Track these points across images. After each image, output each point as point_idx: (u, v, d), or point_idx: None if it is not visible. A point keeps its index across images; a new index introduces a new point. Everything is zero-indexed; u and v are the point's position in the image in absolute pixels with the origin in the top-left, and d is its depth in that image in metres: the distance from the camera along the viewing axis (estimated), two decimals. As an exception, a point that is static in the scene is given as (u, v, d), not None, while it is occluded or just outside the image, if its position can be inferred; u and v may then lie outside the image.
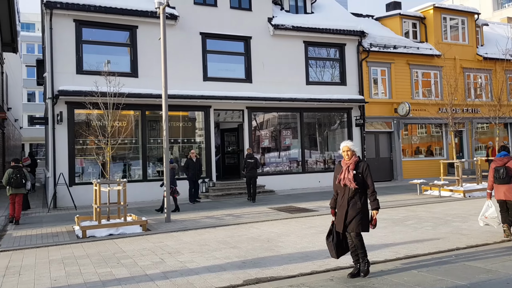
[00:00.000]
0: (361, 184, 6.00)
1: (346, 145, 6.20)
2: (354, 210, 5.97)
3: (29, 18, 52.82)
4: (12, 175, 12.13)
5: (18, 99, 37.05)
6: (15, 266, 7.69)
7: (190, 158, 15.67)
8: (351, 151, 6.17)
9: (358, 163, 6.09)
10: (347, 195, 6.04)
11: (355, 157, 6.15)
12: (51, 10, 15.49)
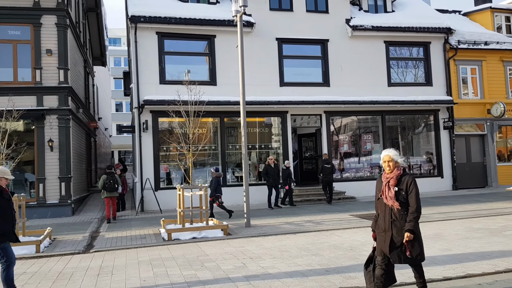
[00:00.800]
0: (405, 204, 4.94)
1: (388, 154, 5.08)
2: (401, 237, 4.91)
3: (116, 33, 56.60)
4: (106, 181, 13.76)
5: (108, 110, 39.76)
6: (108, 266, 8.14)
7: (269, 164, 15.73)
8: (393, 161, 5.06)
9: (401, 178, 5.00)
10: (388, 217, 4.99)
11: (397, 170, 5.05)
12: (136, 24, 16.40)
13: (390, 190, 4.96)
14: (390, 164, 5.06)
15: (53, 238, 11.18)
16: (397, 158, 5.07)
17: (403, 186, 4.94)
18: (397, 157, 5.08)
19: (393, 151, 5.13)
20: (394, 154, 5.07)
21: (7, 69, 15.38)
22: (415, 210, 4.87)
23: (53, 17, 15.65)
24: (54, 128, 15.46)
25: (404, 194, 4.91)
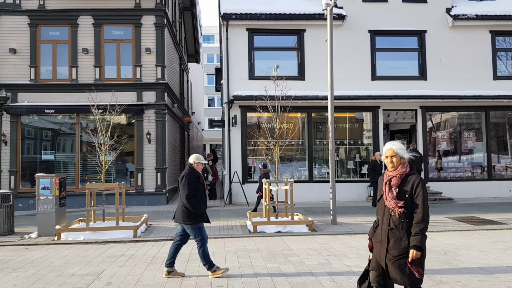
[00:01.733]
0: (408, 209, 4.01)
1: (391, 148, 4.17)
2: (397, 249, 4.01)
3: (209, 30, 58.78)
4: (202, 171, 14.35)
5: (200, 105, 41.49)
6: (196, 253, 8.44)
7: (375, 160, 15.24)
8: (397, 157, 4.14)
9: (406, 177, 4.08)
10: (386, 224, 4.10)
11: (402, 168, 4.12)
12: (227, 21, 16.85)
13: (391, 190, 4.08)
14: (393, 159, 4.14)
15: (149, 224, 11.94)
16: (402, 153, 4.15)
17: (407, 187, 4.02)
18: (402, 152, 4.15)
19: (398, 144, 4.21)
20: (398, 147, 4.16)
21: (112, 67, 16.70)
22: (421, 219, 3.90)
23: (152, 17, 16.66)
24: (152, 121, 16.48)
25: (408, 198, 3.99)
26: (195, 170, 6.75)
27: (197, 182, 6.65)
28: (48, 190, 10.66)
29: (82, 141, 16.65)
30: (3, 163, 16.16)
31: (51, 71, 16.71)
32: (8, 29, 16.43)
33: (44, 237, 10.43)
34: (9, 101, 16.24)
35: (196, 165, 6.79)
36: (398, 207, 3.99)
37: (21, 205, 15.67)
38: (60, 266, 7.68)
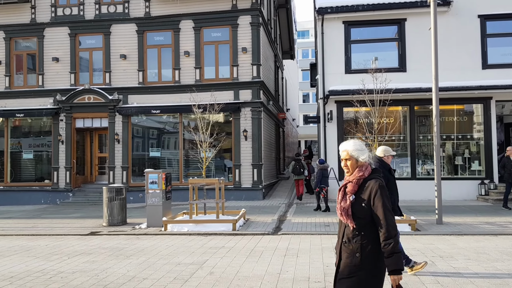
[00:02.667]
0: (366, 220, 3.22)
1: (345, 150, 3.40)
2: (347, 267, 3.26)
3: (304, 26, 58.58)
4: (295, 166, 16.37)
5: (295, 101, 41.57)
6: (294, 248, 8.52)
7: (508, 156, 13.88)
8: (352, 159, 3.35)
9: (365, 182, 3.28)
10: (341, 237, 3.39)
11: (359, 171, 3.31)
12: (323, 15, 16.61)
13: (344, 198, 3.32)
14: (347, 163, 3.37)
15: (247, 218, 12.25)
16: (358, 154, 3.33)
17: (365, 194, 3.22)
18: (359, 153, 3.33)
19: (353, 143, 3.40)
20: (353, 148, 3.35)
21: (211, 68, 17.41)
22: (387, 236, 3.10)
23: (248, 17, 17.04)
24: (248, 119, 16.88)
25: (366, 207, 3.20)
26: (385, 162, 6.58)
27: (388, 175, 6.40)
28: (156, 185, 11.43)
29: (184, 139, 17.60)
30: (116, 159, 17.68)
31: (156, 74, 17.90)
32: (118, 37, 17.92)
33: (153, 228, 11.20)
34: (120, 103, 17.71)
35: (387, 158, 6.63)
36: (350, 219, 3.25)
37: (132, 198, 17.01)
38: (167, 255, 8.19)
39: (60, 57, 18.17)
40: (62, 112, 18.01)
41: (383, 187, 3.22)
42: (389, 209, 3.18)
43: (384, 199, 3.17)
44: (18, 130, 19.06)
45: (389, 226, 3.12)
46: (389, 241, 3.09)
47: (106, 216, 11.92)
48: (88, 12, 18.18)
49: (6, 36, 18.61)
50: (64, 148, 18.02)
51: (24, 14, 18.55)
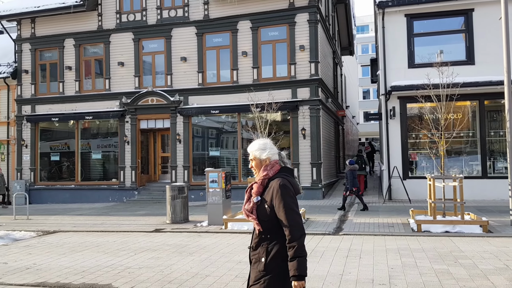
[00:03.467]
0: (272, 223, 3.03)
1: (250, 150, 3.25)
2: (255, 272, 3.11)
3: (363, 20, 57.22)
4: (356, 161, 16.04)
5: (355, 97, 40.68)
6: (356, 249, 8.31)
7: None
8: (256, 159, 3.20)
9: (269, 182, 3.09)
10: (250, 242, 3.23)
11: (264, 171, 3.13)
12: (383, 9, 16.09)
13: (249, 200, 3.14)
14: (253, 163, 3.23)
15: (306, 218, 12.12)
16: (260, 154, 3.17)
17: (268, 196, 3.05)
18: (260, 152, 3.17)
19: (256, 142, 3.25)
20: (256, 148, 3.20)
21: (268, 67, 17.44)
22: (289, 236, 2.93)
23: (305, 14, 16.87)
24: (306, 117, 16.72)
25: (268, 208, 3.02)
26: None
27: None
28: (216, 183, 11.61)
29: (243, 138, 17.76)
30: (178, 159, 18.19)
31: (215, 75, 18.21)
32: (179, 40, 18.41)
33: (213, 226, 11.39)
34: (181, 104, 18.19)
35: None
36: (256, 222, 3.07)
37: (193, 197, 17.42)
38: (228, 252, 8.28)
39: (125, 62, 18.98)
40: (128, 114, 18.80)
41: (284, 186, 3.00)
42: (293, 208, 2.97)
43: (286, 198, 2.98)
44: (87, 131, 20.15)
45: (292, 228, 2.93)
46: (293, 243, 2.92)
47: (169, 214, 12.29)
48: (150, 17, 18.84)
49: (75, 43, 19.73)
50: (130, 148, 18.81)
51: (91, 21, 19.57)
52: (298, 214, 2.99)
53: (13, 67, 20.74)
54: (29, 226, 12.68)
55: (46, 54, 20.48)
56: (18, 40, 20.59)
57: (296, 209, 3.00)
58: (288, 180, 3.07)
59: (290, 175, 3.16)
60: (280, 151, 3.24)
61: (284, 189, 3.00)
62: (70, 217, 14.67)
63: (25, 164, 20.09)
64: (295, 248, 2.91)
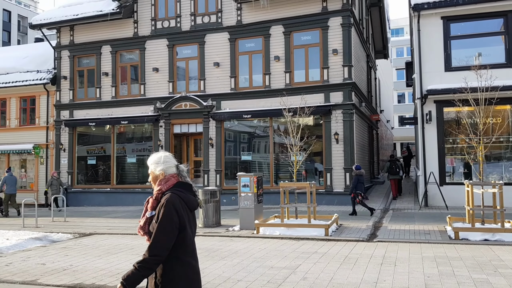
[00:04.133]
0: None
1: (148, 163, 3.21)
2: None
3: (398, 23, 56.22)
4: (390, 166, 17.81)
5: (389, 101, 39.97)
6: (391, 257, 8.12)
7: None
8: (153, 173, 3.15)
9: (162, 196, 3.02)
10: None
11: (159, 185, 3.08)
12: (419, 12, 15.76)
13: (144, 215, 3.07)
14: (151, 177, 3.18)
15: (340, 224, 11.96)
16: (155, 168, 3.12)
17: (158, 210, 2.97)
18: (155, 165, 3.12)
19: (153, 156, 3.19)
20: (152, 161, 3.16)
21: (300, 71, 17.38)
22: (147, 250, 2.89)
23: (339, 18, 16.73)
24: (339, 122, 16.53)
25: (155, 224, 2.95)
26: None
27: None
28: (248, 188, 11.63)
29: (274, 142, 17.74)
30: (210, 163, 18.35)
31: (247, 79, 18.30)
32: (212, 46, 18.61)
33: (245, 230, 11.41)
34: (214, 109, 18.36)
35: None
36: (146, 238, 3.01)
37: (225, 201, 17.48)
38: (260, 257, 8.26)
39: (159, 67, 19.34)
40: (162, 118, 19.13)
41: (169, 202, 2.92)
42: (164, 227, 2.87)
43: (168, 215, 2.89)
44: (123, 136, 20.62)
45: (153, 244, 2.88)
46: (144, 255, 2.89)
47: (201, 217, 12.39)
48: (184, 23, 19.14)
49: (112, 50, 20.26)
50: (163, 153, 19.07)
51: (127, 29, 20.06)
52: (166, 235, 2.89)
53: (53, 73, 21.47)
54: (66, 228, 13.06)
55: (84, 60, 21.13)
56: (58, 47, 21.33)
57: (168, 229, 2.89)
58: (179, 196, 3.00)
59: (186, 190, 3.09)
60: (178, 165, 3.18)
61: (168, 206, 2.92)
62: (105, 219, 15.03)
63: (63, 167, 20.74)
64: (141, 261, 2.90)
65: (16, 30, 59.09)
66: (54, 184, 18.31)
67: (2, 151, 21.35)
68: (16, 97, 22.15)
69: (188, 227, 2.98)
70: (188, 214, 3.02)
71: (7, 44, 52.92)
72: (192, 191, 3.12)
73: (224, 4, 18.52)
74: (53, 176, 18.69)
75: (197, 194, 3.17)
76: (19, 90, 21.91)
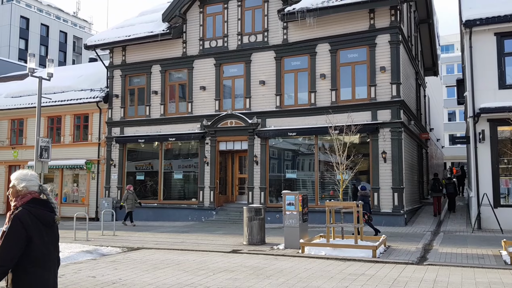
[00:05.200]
0: None
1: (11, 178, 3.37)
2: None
3: (448, 39, 54.74)
4: (433, 184, 18.61)
5: (439, 120, 38.71)
6: (442, 281, 7.77)
7: None
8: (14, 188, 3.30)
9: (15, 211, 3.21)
10: None
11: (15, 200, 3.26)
12: (471, 28, 15.31)
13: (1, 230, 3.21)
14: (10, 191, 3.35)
15: (388, 245, 11.60)
16: (18, 183, 3.29)
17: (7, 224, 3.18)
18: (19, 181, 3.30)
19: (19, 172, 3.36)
20: (15, 177, 3.33)
21: (347, 89, 17.23)
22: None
23: (386, 35, 16.52)
24: (387, 140, 16.18)
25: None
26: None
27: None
28: (293, 206, 11.55)
29: (319, 160, 17.57)
30: (254, 180, 18.40)
31: (292, 97, 18.33)
32: (258, 64, 18.84)
33: (290, 249, 11.29)
34: (259, 126, 18.48)
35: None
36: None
37: (269, 218, 17.43)
38: (306, 278, 8.14)
39: (206, 86, 19.76)
40: (208, 136, 19.46)
41: (17, 216, 3.13)
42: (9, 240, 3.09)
43: (9, 229, 3.10)
44: (170, 152, 21.12)
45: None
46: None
47: (246, 235, 12.40)
48: (231, 43, 19.54)
49: (161, 69, 20.95)
50: (209, 169, 19.38)
51: (176, 48, 20.70)
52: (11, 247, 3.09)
53: (105, 92, 22.43)
54: (115, 242, 13.44)
55: (135, 79, 21.96)
56: (110, 66, 22.30)
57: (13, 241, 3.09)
58: (29, 211, 3.17)
59: (41, 205, 3.26)
60: (42, 185, 3.36)
61: (15, 220, 3.13)
62: (152, 234, 15.35)
63: (113, 182, 21.45)
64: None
65: (71, 50, 62.55)
66: (130, 198, 18.46)
67: (56, 166, 22.35)
68: (71, 114, 23.27)
69: (36, 240, 3.16)
70: (41, 228, 3.21)
71: (62, 64, 56.00)
72: (48, 207, 3.31)
73: (270, 24, 18.77)
74: (129, 190, 18.73)
75: (55, 210, 3.35)
76: (73, 108, 23.03)
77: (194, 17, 20.41)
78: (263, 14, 19.02)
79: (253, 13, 19.32)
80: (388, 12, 16.64)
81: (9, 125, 25.18)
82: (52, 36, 59.53)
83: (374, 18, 16.86)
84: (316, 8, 16.84)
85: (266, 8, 18.94)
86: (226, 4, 19.73)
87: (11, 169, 24.86)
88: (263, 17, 18.99)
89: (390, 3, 16.18)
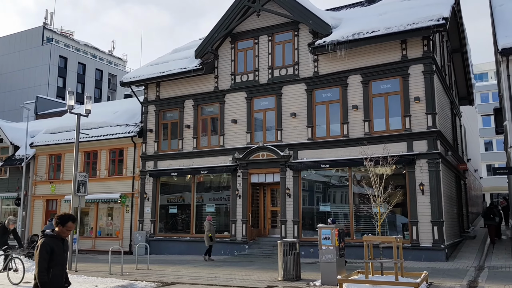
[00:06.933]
0: None
1: None
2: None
3: (482, 68, 53.85)
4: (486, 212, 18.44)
5: (476, 150, 37.61)
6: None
7: None
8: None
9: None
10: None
11: None
12: (507, 56, 14.99)
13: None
14: None
15: (430, 282, 11.06)
16: None
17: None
18: None
19: None
20: None
21: (380, 120, 16.99)
22: None
23: (420, 65, 16.34)
24: (424, 172, 15.73)
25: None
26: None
27: None
28: (329, 241, 11.24)
29: (354, 193, 17.20)
30: (287, 213, 18.12)
31: (325, 129, 18.20)
32: (289, 97, 18.91)
33: (327, 286, 10.92)
34: (291, 159, 18.35)
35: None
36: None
37: (303, 253, 16.97)
38: (346, 318, 7.77)
39: (237, 119, 19.92)
40: (239, 168, 19.45)
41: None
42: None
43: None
44: (201, 185, 21.16)
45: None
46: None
47: (281, 270, 12.10)
48: (262, 76, 19.75)
49: (194, 103, 21.31)
50: (241, 202, 19.25)
51: (208, 83, 21.07)
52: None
53: (139, 126, 22.91)
54: (149, 276, 13.36)
55: (168, 114, 22.38)
56: (145, 102, 22.85)
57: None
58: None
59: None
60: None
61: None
62: (185, 268, 15.21)
63: (146, 216, 21.58)
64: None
65: (106, 87, 64.79)
66: (212, 229, 18.06)
67: (92, 200, 22.73)
68: (107, 149, 23.81)
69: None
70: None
71: (98, 100, 57.95)
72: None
73: (301, 57, 18.93)
74: (210, 221, 18.28)
75: None
76: (109, 143, 23.56)
77: (225, 52, 20.83)
78: (293, 47, 19.23)
79: (283, 47, 19.55)
80: (421, 43, 16.51)
81: (47, 160, 25.95)
82: (89, 74, 61.93)
83: (406, 49, 16.75)
84: (347, 40, 16.89)
85: (296, 42, 19.15)
86: (257, 39, 20.07)
87: (49, 203, 25.48)
88: (293, 51, 19.18)
89: (422, 34, 16.07)
